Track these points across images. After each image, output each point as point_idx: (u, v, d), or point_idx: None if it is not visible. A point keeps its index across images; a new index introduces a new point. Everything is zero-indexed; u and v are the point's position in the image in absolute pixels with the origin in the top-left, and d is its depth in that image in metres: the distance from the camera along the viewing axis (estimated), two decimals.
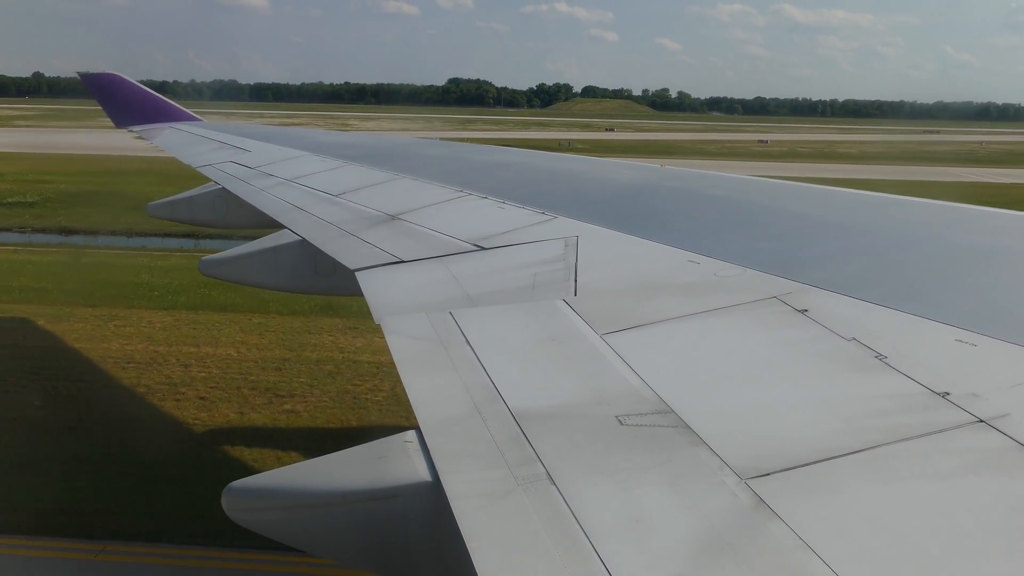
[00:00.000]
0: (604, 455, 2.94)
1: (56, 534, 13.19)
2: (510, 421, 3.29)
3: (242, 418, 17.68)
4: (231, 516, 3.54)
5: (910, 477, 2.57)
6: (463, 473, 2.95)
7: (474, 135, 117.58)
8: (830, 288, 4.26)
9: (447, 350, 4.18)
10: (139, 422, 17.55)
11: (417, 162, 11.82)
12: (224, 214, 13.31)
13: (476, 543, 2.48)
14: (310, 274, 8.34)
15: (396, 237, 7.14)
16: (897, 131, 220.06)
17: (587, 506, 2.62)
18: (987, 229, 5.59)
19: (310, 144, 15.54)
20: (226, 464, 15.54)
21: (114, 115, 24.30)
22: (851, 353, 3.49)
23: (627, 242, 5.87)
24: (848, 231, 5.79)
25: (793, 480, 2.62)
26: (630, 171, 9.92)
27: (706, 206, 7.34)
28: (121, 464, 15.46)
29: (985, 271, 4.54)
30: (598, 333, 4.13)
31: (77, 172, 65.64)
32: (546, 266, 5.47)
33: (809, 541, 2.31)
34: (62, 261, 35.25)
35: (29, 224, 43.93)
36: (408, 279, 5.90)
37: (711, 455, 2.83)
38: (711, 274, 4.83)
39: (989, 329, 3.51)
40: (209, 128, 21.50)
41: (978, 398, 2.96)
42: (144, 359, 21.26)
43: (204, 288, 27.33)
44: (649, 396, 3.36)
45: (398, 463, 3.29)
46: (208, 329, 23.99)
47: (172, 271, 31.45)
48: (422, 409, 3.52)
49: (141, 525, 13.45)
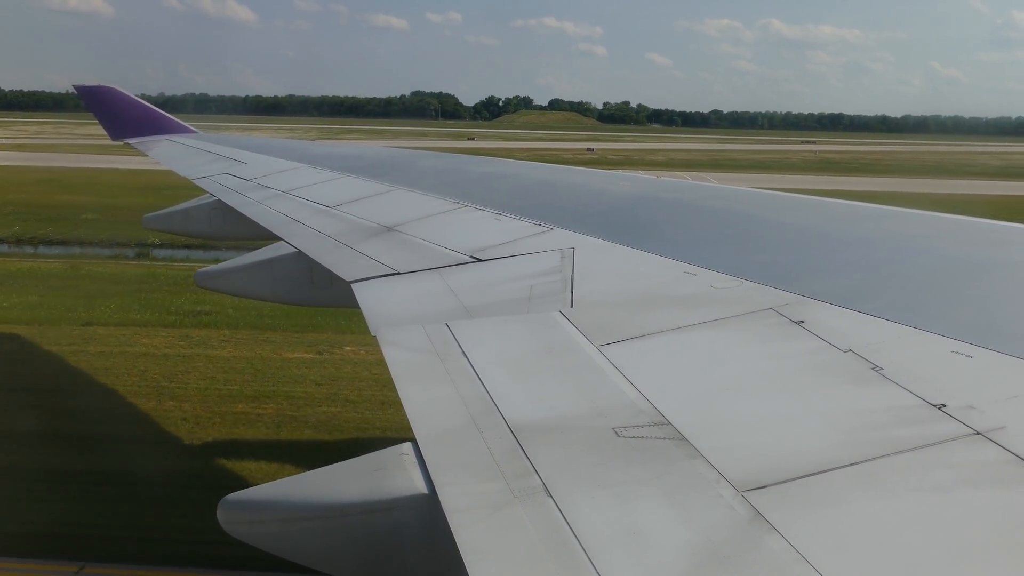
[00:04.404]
0: (601, 468, 2.93)
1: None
2: (507, 433, 3.28)
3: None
4: (227, 529, 3.53)
5: (907, 490, 2.57)
6: (459, 485, 2.94)
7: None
8: (826, 300, 4.26)
9: (443, 362, 4.17)
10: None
11: (414, 174, 11.84)
12: (220, 226, 13.29)
13: (472, 556, 2.47)
14: (306, 286, 8.33)
15: (392, 249, 7.14)
16: (785, 140, 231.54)
17: (584, 519, 2.61)
18: (983, 241, 5.60)
19: (306, 156, 15.55)
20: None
21: (110, 128, 24.29)
22: (847, 365, 3.49)
23: (623, 254, 5.88)
24: (844, 243, 5.80)
25: (790, 493, 2.62)
26: (626, 183, 9.95)
27: (702, 218, 7.35)
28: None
29: (981, 282, 4.55)
30: (595, 345, 4.12)
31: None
32: (543, 278, 5.47)
33: (806, 554, 2.30)
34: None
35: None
36: (404, 291, 5.89)
37: (708, 468, 2.82)
38: (707, 286, 4.83)
39: (985, 341, 3.52)
40: (205, 140, 21.52)
41: (974, 410, 2.96)
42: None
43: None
44: (646, 408, 3.35)
45: (394, 475, 3.28)
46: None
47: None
48: (418, 421, 3.51)
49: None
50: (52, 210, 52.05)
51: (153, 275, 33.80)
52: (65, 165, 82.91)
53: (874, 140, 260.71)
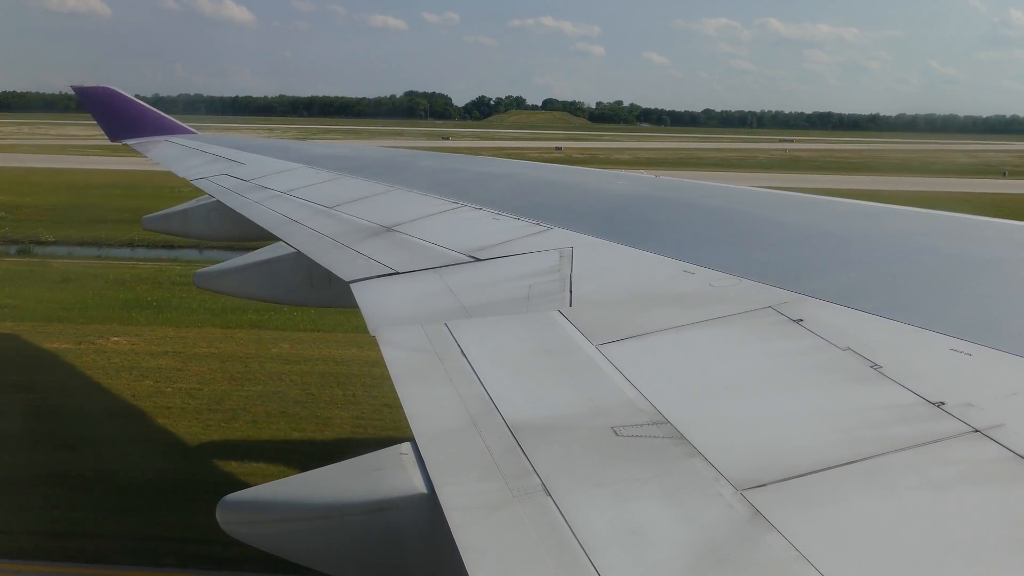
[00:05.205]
0: (600, 467, 2.93)
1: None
2: (506, 433, 3.28)
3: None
4: (226, 529, 3.52)
5: (906, 487, 2.57)
6: (459, 485, 2.94)
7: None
8: (825, 298, 4.26)
9: (442, 361, 4.17)
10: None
11: (412, 174, 11.83)
12: (219, 227, 13.29)
13: (472, 555, 2.47)
14: (305, 286, 8.33)
15: (391, 249, 7.14)
16: (765, 139, 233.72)
17: (583, 518, 2.61)
18: (982, 239, 5.60)
19: (304, 156, 15.54)
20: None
21: (109, 128, 24.26)
22: (846, 363, 3.49)
23: (622, 253, 5.88)
24: (843, 241, 5.80)
25: (789, 491, 2.62)
26: (625, 182, 9.95)
27: (701, 216, 7.35)
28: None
29: (980, 280, 4.55)
30: (593, 344, 4.12)
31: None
32: (541, 277, 5.47)
33: (805, 552, 2.30)
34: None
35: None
36: (403, 291, 5.89)
37: (707, 466, 2.82)
38: (706, 284, 4.83)
39: (984, 339, 3.52)
40: (203, 141, 21.49)
41: (973, 408, 2.96)
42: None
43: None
44: (645, 407, 3.35)
45: (394, 475, 3.27)
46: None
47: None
48: (417, 421, 3.51)
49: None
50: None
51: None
52: (4, 165, 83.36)
53: (856, 139, 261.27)
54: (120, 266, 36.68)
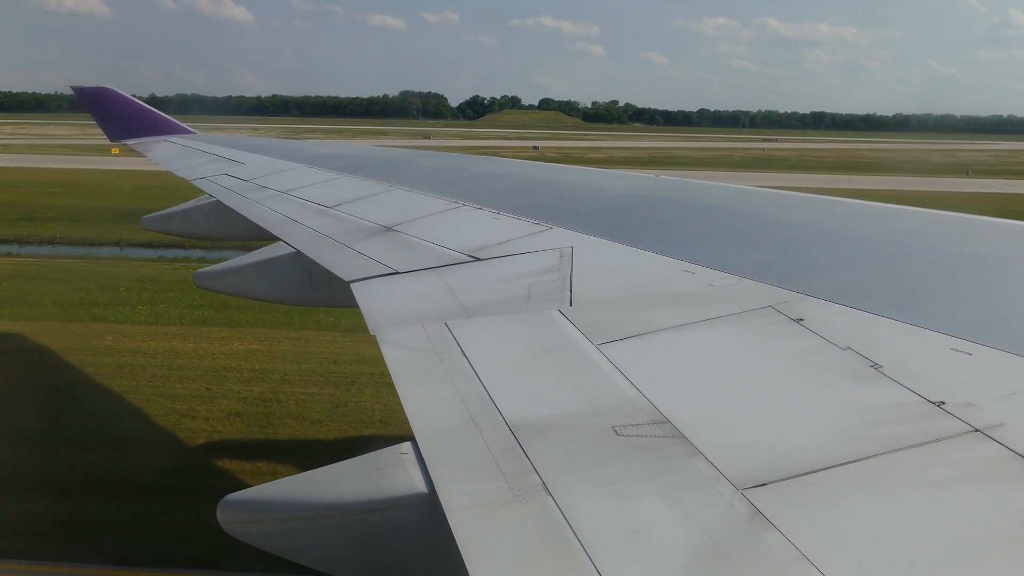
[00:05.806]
0: (600, 466, 2.93)
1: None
2: (506, 432, 3.28)
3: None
4: (226, 528, 3.52)
5: (906, 487, 2.57)
6: (459, 484, 2.94)
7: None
8: (825, 297, 4.26)
9: (442, 361, 4.17)
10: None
11: (412, 173, 11.83)
12: (219, 227, 13.28)
13: (472, 555, 2.47)
14: (305, 286, 8.33)
15: (391, 248, 7.13)
16: (749, 138, 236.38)
17: (583, 517, 2.61)
18: (982, 238, 5.60)
19: (304, 156, 15.54)
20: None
21: (108, 129, 24.25)
22: (847, 362, 3.49)
23: (622, 252, 5.88)
24: (843, 240, 5.80)
25: (789, 490, 2.62)
26: (625, 181, 9.94)
27: (701, 216, 7.35)
28: None
29: (980, 280, 4.55)
30: (593, 343, 4.12)
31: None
32: (541, 276, 5.47)
33: (805, 551, 2.30)
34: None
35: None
36: (403, 290, 5.89)
37: (707, 465, 2.82)
38: (706, 284, 4.83)
39: (984, 338, 3.52)
40: (203, 141, 21.48)
41: (973, 407, 2.96)
42: None
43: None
44: (645, 406, 3.35)
45: (394, 475, 3.27)
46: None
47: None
48: (418, 420, 3.51)
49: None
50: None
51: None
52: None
53: (844, 139, 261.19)
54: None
